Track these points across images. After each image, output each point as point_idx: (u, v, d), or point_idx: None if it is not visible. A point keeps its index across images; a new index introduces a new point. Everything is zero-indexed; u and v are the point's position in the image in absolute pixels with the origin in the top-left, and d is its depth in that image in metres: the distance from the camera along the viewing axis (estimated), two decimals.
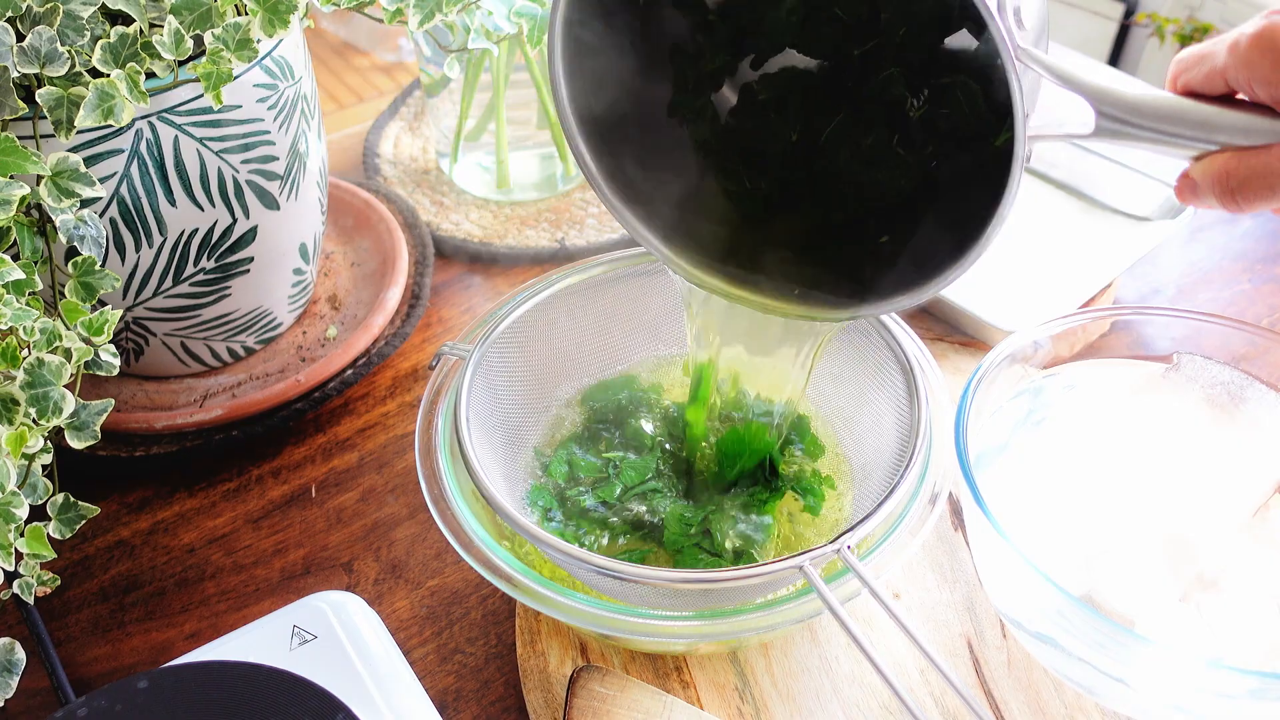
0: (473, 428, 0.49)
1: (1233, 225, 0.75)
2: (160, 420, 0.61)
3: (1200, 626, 0.45)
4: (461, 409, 0.49)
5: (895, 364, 0.50)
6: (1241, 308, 0.69)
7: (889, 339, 0.51)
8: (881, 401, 0.52)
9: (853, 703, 0.48)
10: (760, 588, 0.44)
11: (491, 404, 0.52)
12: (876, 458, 0.51)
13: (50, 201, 0.47)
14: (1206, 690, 0.41)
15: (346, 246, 0.74)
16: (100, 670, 0.53)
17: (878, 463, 0.50)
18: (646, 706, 0.46)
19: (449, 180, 0.82)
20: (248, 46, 0.50)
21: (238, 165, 0.55)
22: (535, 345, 0.56)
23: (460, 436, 0.48)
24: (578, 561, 0.43)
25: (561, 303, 0.56)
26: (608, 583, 0.44)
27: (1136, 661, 0.42)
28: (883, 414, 0.51)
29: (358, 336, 0.65)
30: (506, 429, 0.54)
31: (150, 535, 0.59)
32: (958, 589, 0.53)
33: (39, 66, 0.47)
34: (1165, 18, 1.74)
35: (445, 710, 0.50)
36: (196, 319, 0.61)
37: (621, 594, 0.45)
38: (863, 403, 0.54)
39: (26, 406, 0.45)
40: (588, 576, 0.45)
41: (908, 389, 0.49)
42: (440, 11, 0.55)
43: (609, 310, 0.58)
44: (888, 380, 0.51)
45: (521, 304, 0.54)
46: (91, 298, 0.49)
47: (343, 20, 2.41)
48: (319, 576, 0.57)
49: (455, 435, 0.48)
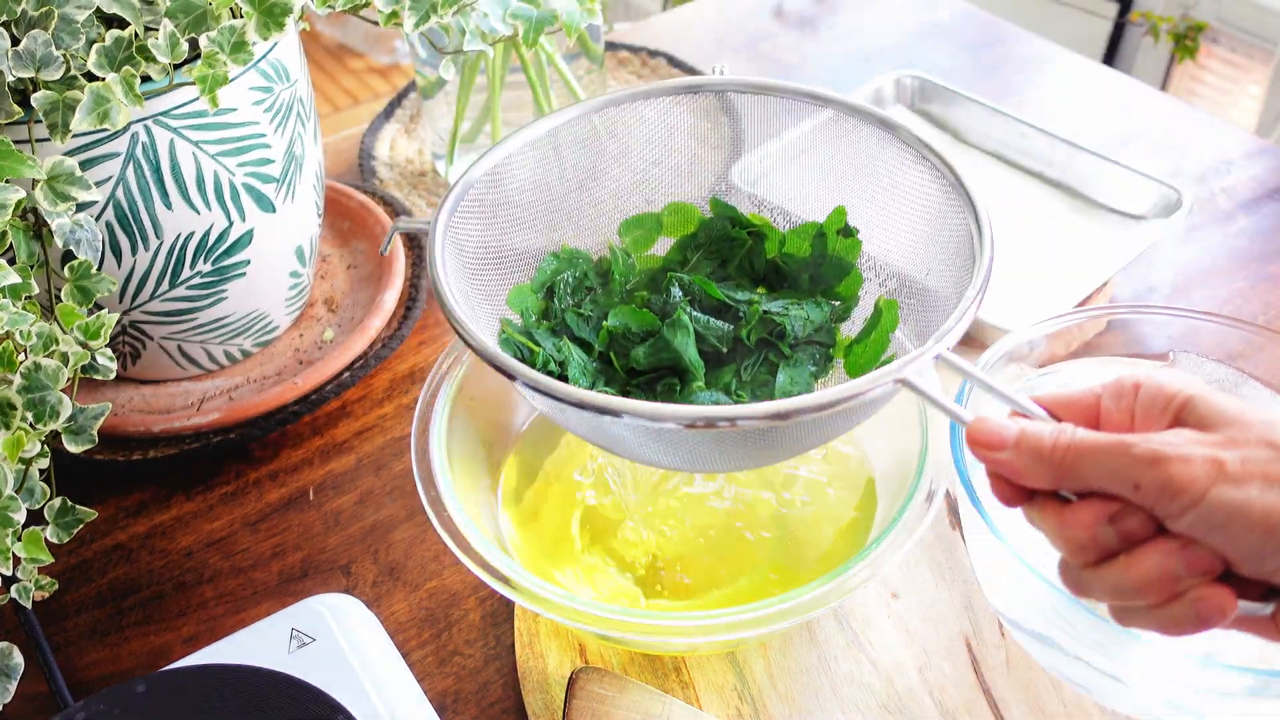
0: (452, 282, 0.44)
1: (1228, 224, 0.75)
2: (157, 424, 0.61)
3: None
4: (438, 266, 0.44)
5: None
6: (1237, 306, 0.70)
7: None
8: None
9: (851, 702, 0.49)
10: (848, 415, 0.41)
11: (463, 269, 0.47)
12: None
13: (46, 205, 0.47)
14: (1203, 688, 0.41)
15: (343, 249, 0.74)
16: (98, 674, 0.53)
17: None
18: (645, 707, 0.46)
19: (445, 182, 0.82)
20: (243, 49, 0.50)
21: (234, 168, 0.55)
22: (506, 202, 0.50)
23: (438, 283, 0.43)
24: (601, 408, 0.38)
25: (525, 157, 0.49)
26: (628, 430, 0.40)
27: (1133, 660, 0.42)
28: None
29: (354, 339, 0.65)
30: (483, 290, 0.49)
31: (148, 539, 0.59)
32: (956, 588, 0.53)
33: (34, 70, 0.47)
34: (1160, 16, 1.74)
35: (444, 712, 0.51)
36: (193, 322, 0.61)
37: (634, 445, 0.42)
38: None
39: (23, 411, 0.45)
40: (606, 428, 0.41)
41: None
42: (435, 14, 0.55)
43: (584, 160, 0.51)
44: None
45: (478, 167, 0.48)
46: (88, 301, 0.49)
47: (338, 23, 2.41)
48: (317, 579, 0.57)
49: (436, 286, 0.43)
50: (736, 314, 0.48)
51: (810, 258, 0.50)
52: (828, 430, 0.44)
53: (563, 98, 0.75)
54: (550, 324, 0.49)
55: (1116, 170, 0.72)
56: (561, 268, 0.50)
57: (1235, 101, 1.81)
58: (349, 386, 0.64)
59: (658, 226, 0.52)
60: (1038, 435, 0.35)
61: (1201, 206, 0.76)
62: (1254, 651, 0.45)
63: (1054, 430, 0.35)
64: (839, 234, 0.49)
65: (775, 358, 0.48)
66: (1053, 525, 0.35)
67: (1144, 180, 0.71)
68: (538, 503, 0.55)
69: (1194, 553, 0.33)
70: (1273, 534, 0.32)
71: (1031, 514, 0.36)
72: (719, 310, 0.49)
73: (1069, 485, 0.35)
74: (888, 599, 0.52)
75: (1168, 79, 1.79)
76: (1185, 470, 0.32)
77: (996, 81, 0.91)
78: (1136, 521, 0.33)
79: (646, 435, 0.40)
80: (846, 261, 0.49)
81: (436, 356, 0.61)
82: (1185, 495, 0.32)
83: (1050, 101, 0.88)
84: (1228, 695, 0.40)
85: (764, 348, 0.48)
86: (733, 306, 0.48)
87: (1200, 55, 1.76)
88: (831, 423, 0.42)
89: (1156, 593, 0.33)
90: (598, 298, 0.50)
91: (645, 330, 0.47)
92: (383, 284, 0.69)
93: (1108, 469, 0.33)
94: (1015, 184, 0.76)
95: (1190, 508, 0.32)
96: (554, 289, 0.50)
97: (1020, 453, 0.35)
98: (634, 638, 0.45)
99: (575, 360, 0.47)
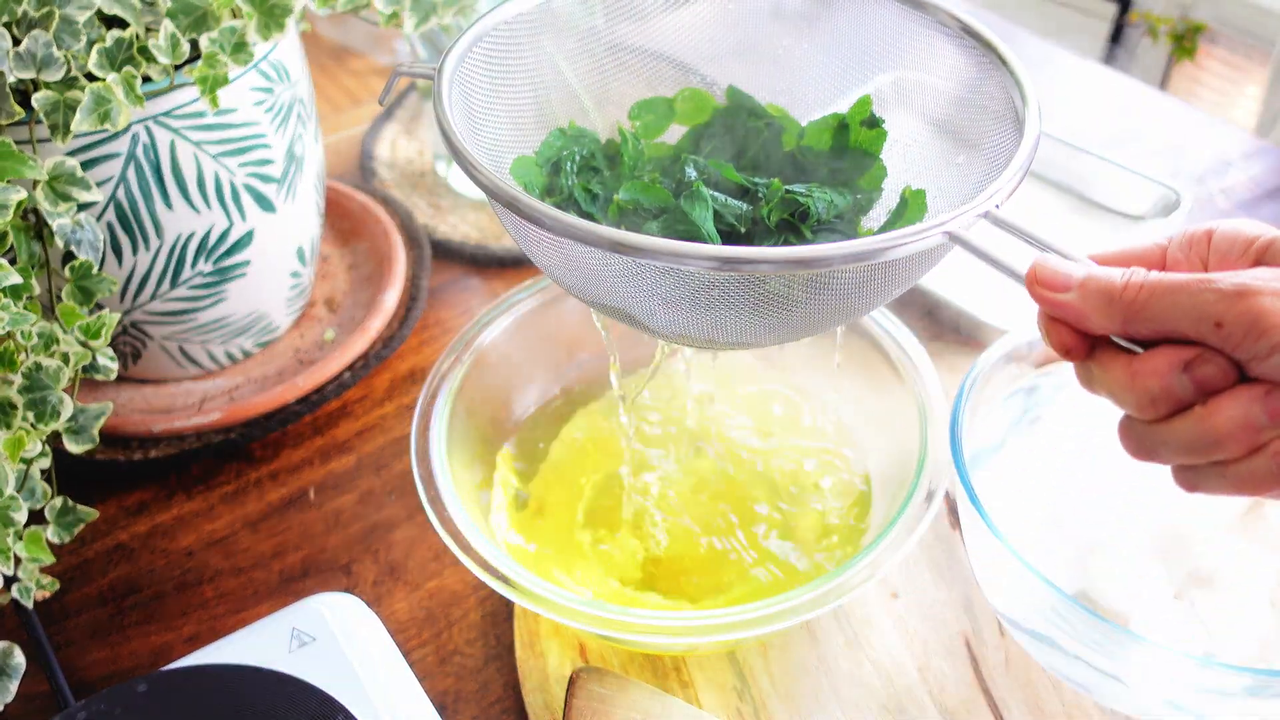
0: (459, 125, 0.41)
1: None
2: (158, 424, 0.61)
3: (1194, 623, 0.45)
4: (445, 107, 0.41)
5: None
6: None
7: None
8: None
9: (851, 702, 0.49)
10: (886, 276, 0.38)
11: (469, 122, 0.44)
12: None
13: (47, 206, 0.47)
14: (1202, 687, 0.41)
15: (343, 249, 0.74)
16: (99, 674, 0.53)
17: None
18: (645, 707, 0.46)
19: (445, 183, 0.82)
20: (244, 50, 0.50)
21: (234, 169, 0.55)
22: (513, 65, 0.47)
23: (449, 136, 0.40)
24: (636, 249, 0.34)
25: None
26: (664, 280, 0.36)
27: (1131, 659, 0.42)
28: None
29: (355, 339, 0.65)
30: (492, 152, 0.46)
31: (149, 539, 0.59)
32: (955, 588, 0.53)
33: (35, 71, 0.47)
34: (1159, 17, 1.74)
35: (444, 712, 0.51)
36: (194, 322, 0.61)
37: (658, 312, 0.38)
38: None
39: (24, 411, 0.45)
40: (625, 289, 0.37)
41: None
42: (436, 14, 0.55)
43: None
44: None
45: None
46: (89, 302, 0.49)
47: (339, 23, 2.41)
48: (318, 579, 0.57)
49: (446, 141, 0.40)
50: (756, 196, 0.45)
51: (831, 150, 0.47)
52: (861, 297, 0.39)
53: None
54: (556, 199, 0.46)
55: (1115, 170, 0.72)
56: (568, 144, 0.47)
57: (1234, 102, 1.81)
58: (349, 386, 0.64)
59: (670, 112, 0.49)
60: (1108, 275, 0.32)
61: (1200, 207, 0.77)
62: (1254, 651, 0.45)
63: (1125, 272, 0.32)
64: (863, 125, 0.47)
65: (796, 240, 0.44)
66: (1120, 378, 0.32)
67: (1143, 180, 0.71)
68: (538, 502, 0.55)
69: (1278, 399, 0.30)
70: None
71: (1089, 369, 0.34)
72: (738, 194, 0.45)
73: (1140, 329, 0.32)
74: (888, 599, 0.53)
75: (1167, 79, 1.80)
76: (1276, 305, 0.29)
77: None
78: (1215, 368, 0.31)
79: (669, 288, 0.37)
80: (870, 154, 0.47)
81: (436, 356, 0.61)
82: (1277, 332, 0.29)
83: (1050, 101, 0.89)
84: (1228, 695, 0.40)
85: (785, 230, 0.44)
86: (751, 190, 0.45)
87: (1199, 56, 1.76)
88: (866, 285, 0.38)
89: (1236, 445, 0.31)
90: (605, 179, 0.47)
91: (660, 206, 0.44)
92: (383, 284, 0.69)
93: (1188, 306, 0.31)
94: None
95: (1278, 347, 0.29)
96: (560, 164, 0.46)
97: (1087, 293, 0.33)
98: (634, 638, 0.45)
99: None
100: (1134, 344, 0.33)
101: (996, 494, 0.48)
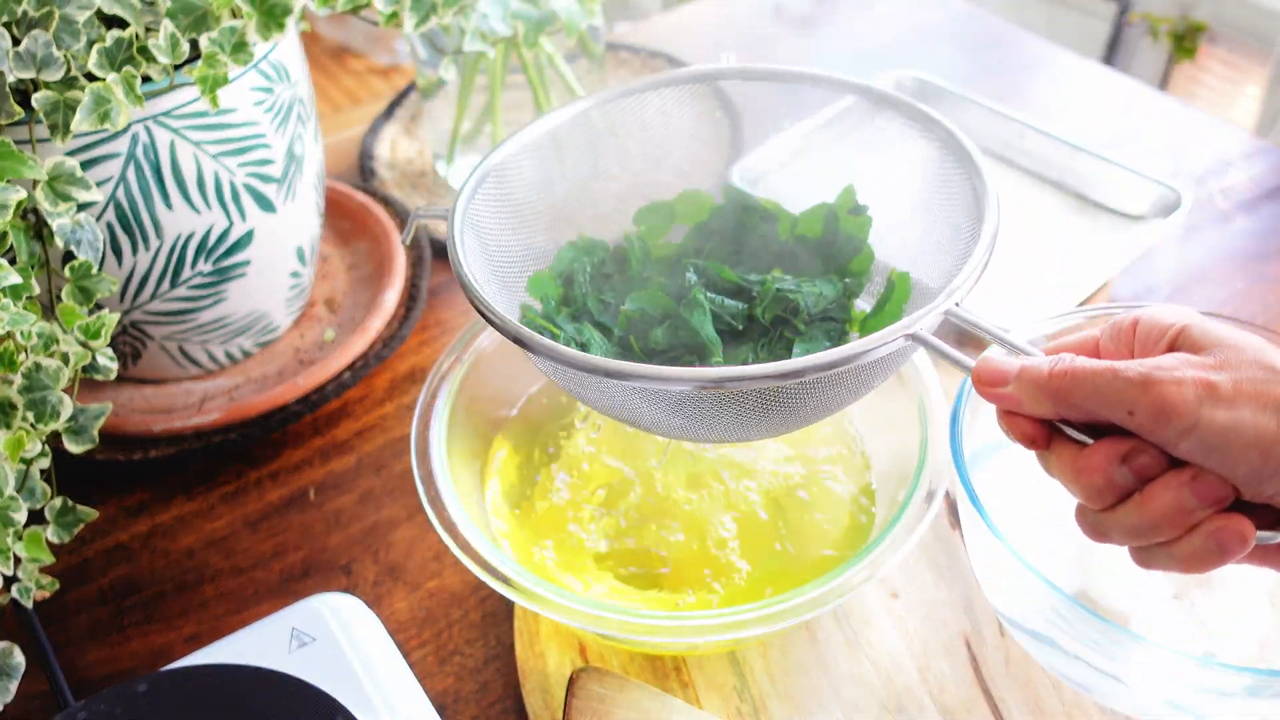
0: (472, 267, 0.45)
1: (1227, 224, 0.75)
2: (158, 424, 0.61)
3: (1194, 623, 0.45)
4: (459, 250, 0.44)
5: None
6: (1236, 306, 0.70)
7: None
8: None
9: (851, 702, 0.49)
10: (860, 376, 0.41)
11: (482, 254, 0.48)
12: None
13: (47, 206, 0.47)
14: (1202, 687, 0.41)
15: (343, 249, 0.74)
16: (99, 674, 0.53)
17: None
18: (645, 707, 0.46)
19: (445, 182, 0.82)
20: (243, 50, 0.50)
21: (234, 168, 0.55)
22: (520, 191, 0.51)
23: (460, 265, 0.43)
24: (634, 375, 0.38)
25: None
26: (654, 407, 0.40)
27: (1131, 659, 0.42)
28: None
29: (355, 339, 0.65)
30: (502, 275, 0.50)
31: (149, 539, 0.59)
32: (955, 588, 0.53)
33: (35, 71, 0.47)
34: (1158, 17, 1.74)
35: (444, 712, 0.51)
36: (194, 322, 0.61)
37: (656, 419, 0.42)
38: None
39: (24, 411, 0.45)
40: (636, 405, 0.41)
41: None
42: (436, 14, 0.55)
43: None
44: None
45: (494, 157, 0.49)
46: (89, 301, 0.49)
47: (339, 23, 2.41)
48: (318, 579, 0.57)
49: (459, 269, 0.43)
50: (750, 294, 0.49)
51: (822, 238, 0.51)
52: (841, 393, 0.43)
53: (563, 98, 0.75)
54: (571, 310, 0.50)
55: (1116, 170, 0.72)
56: (580, 255, 0.51)
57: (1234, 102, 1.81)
58: (349, 386, 0.64)
59: (671, 215, 0.53)
60: (1037, 366, 0.35)
61: (1200, 207, 0.77)
62: (1254, 651, 0.45)
63: (1051, 360, 0.35)
64: (849, 213, 0.50)
65: (790, 334, 0.48)
66: (1068, 471, 0.35)
67: (1143, 180, 0.71)
68: (538, 502, 0.55)
69: (1203, 482, 0.32)
70: (1268, 455, 0.31)
71: (1048, 461, 0.36)
72: (734, 293, 0.50)
73: (1072, 414, 0.34)
74: (888, 599, 0.53)
75: (1167, 79, 1.80)
76: (1176, 392, 0.32)
77: (996, 82, 0.91)
78: (1149, 457, 0.33)
79: (663, 403, 0.41)
80: (858, 239, 0.50)
81: (437, 357, 0.61)
82: (1179, 418, 0.32)
83: (1049, 102, 0.89)
84: (1227, 695, 0.40)
85: (779, 325, 0.48)
86: (746, 287, 0.49)
87: (1199, 56, 1.76)
88: (844, 384, 0.42)
89: (1171, 527, 0.33)
90: (615, 284, 0.51)
91: (663, 312, 0.48)
92: (383, 284, 0.69)
93: (1101, 393, 0.33)
94: (1015, 184, 0.77)
95: (1187, 432, 0.32)
96: (573, 276, 0.50)
97: (1021, 384, 0.35)
98: (634, 638, 0.45)
99: (596, 343, 0.48)
100: (1085, 433, 0.35)
101: (996, 494, 0.48)
